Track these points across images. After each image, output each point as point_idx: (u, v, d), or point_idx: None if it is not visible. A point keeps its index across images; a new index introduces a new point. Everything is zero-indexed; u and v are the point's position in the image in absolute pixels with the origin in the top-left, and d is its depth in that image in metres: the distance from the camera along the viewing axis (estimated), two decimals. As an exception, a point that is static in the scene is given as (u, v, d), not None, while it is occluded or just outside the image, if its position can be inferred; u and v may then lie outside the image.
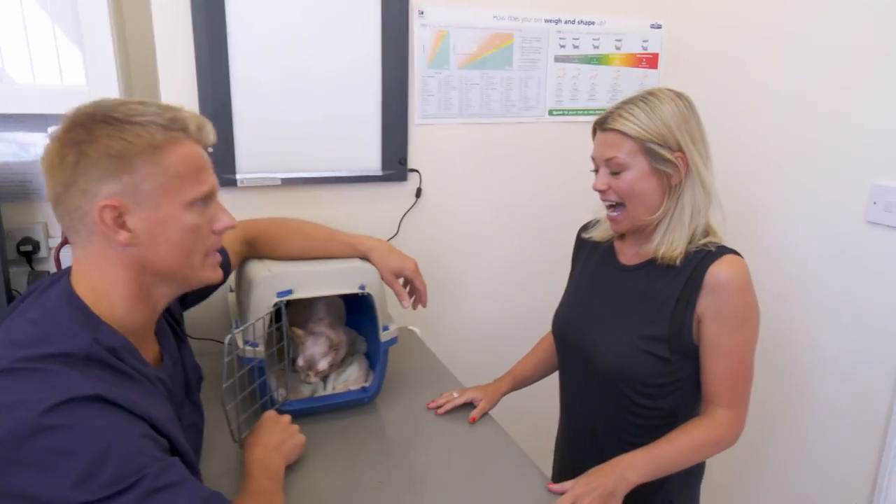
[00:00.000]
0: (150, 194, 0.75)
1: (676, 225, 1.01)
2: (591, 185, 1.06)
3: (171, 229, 0.77)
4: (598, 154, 1.05)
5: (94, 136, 0.72)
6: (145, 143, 0.73)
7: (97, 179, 0.72)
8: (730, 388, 0.99)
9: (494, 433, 1.18)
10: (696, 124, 1.01)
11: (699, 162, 1.00)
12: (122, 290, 0.77)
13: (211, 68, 1.38)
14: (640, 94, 1.04)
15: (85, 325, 0.72)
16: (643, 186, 1.00)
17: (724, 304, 0.97)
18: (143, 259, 0.77)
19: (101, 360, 0.70)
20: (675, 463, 0.99)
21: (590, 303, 1.14)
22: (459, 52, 1.61)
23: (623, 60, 1.81)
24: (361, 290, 1.16)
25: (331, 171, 1.54)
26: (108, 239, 0.74)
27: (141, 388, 0.74)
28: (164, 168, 0.75)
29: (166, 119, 0.76)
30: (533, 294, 1.89)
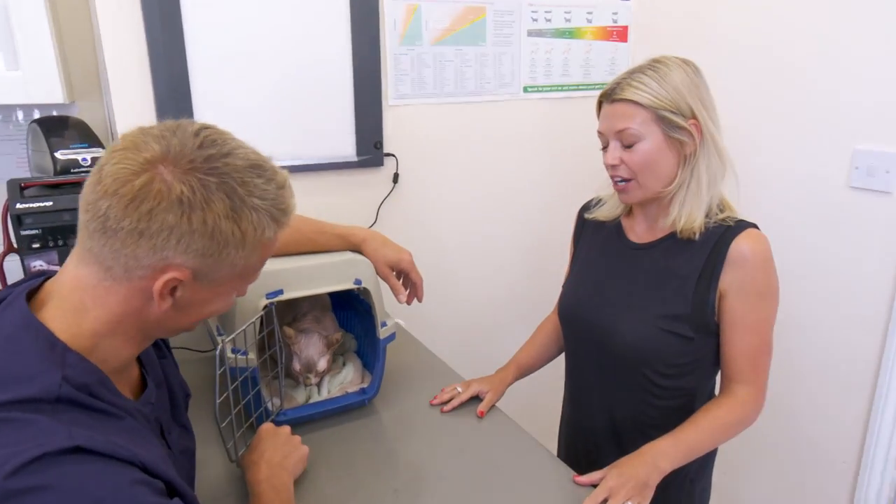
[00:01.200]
0: (220, 279, 0.64)
1: (693, 195, 0.97)
2: (603, 162, 1.00)
3: (209, 308, 0.67)
4: (607, 127, 0.99)
5: (210, 205, 0.58)
6: (255, 238, 0.62)
7: (182, 251, 0.59)
8: (752, 364, 0.97)
9: (506, 426, 1.12)
10: (705, 90, 0.98)
11: (712, 128, 0.96)
12: (121, 338, 0.65)
13: (164, 46, 1.23)
14: (646, 62, 0.99)
15: (50, 360, 0.59)
16: (658, 157, 0.95)
17: (749, 278, 0.94)
18: (165, 320, 0.65)
19: (74, 400, 0.58)
20: (703, 446, 0.96)
21: (602, 284, 1.08)
22: (432, 28, 1.51)
23: (594, 34, 1.76)
24: (357, 286, 1.06)
25: (302, 159, 1.42)
26: (144, 296, 0.62)
27: (123, 427, 0.62)
28: (250, 261, 0.64)
29: (280, 210, 0.64)
30: (520, 278, 1.83)
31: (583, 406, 1.15)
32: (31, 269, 1.08)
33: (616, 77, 1.00)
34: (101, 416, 0.60)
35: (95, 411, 0.60)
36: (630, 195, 1.01)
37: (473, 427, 1.11)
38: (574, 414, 1.19)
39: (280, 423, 1.04)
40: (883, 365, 1.36)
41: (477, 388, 1.16)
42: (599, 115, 1.03)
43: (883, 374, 1.36)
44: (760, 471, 1.66)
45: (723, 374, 1.01)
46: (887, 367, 1.35)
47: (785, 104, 1.49)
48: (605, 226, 1.13)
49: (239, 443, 0.94)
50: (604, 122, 1.00)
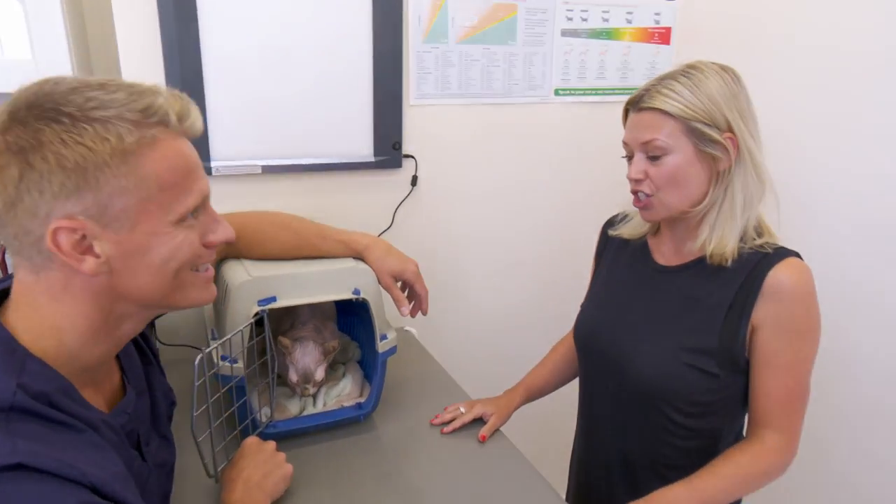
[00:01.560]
0: (124, 213, 0.57)
1: (726, 217, 0.87)
2: (626, 175, 0.91)
3: (153, 253, 0.60)
4: (632, 137, 0.90)
5: (41, 143, 0.54)
6: (111, 149, 0.55)
7: (51, 197, 0.55)
8: (784, 408, 0.86)
9: (508, 453, 1.04)
10: (745, 101, 0.87)
11: (751, 143, 0.86)
12: (83, 325, 0.61)
13: (179, 41, 1.19)
14: (680, 67, 0.89)
15: (6, 366, 0.56)
16: (687, 173, 0.86)
17: (786, 313, 0.84)
18: (118, 288, 0.60)
19: (29, 410, 0.54)
20: (721, 497, 0.86)
21: (622, 308, 0.99)
22: (459, 25, 1.44)
23: (634, 35, 1.65)
24: (356, 296, 1.00)
25: (317, 158, 1.37)
26: (70, 267, 0.57)
27: (82, 441, 0.58)
28: (141, 180, 0.58)
29: (138, 111, 0.57)
30: (539, 292, 1.74)
31: (595, 438, 1.06)
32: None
33: (645, 83, 0.91)
34: (58, 428, 0.56)
35: (53, 422, 0.56)
36: (651, 212, 0.91)
37: (474, 452, 1.04)
38: (585, 445, 1.10)
39: (269, 435, 0.99)
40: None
41: (481, 410, 1.08)
42: (625, 124, 0.94)
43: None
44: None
45: (750, 417, 0.90)
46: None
47: (842, 118, 1.36)
48: (629, 244, 1.03)
49: (221, 456, 0.89)
50: (629, 131, 0.91)
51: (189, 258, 0.64)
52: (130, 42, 1.18)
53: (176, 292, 0.65)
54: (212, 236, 0.67)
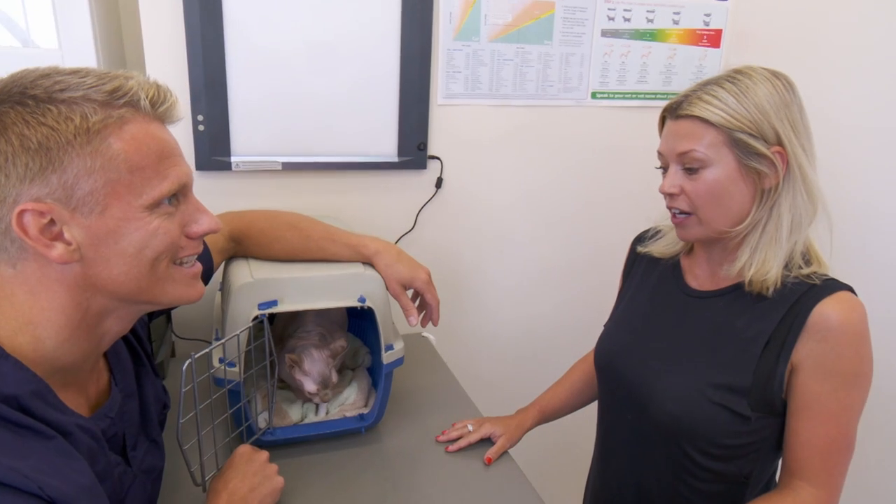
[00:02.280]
0: (91, 196, 0.55)
1: (770, 240, 0.77)
2: (659, 188, 0.83)
3: (125, 239, 0.58)
4: (668, 148, 0.81)
5: (4, 125, 0.53)
6: (75, 128, 0.54)
7: (16, 181, 0.53)
8: (824, 461, 0.75)
9: (514, 478, 0.97)
10: (798, 111, 0.77)
11: (803, 159, 0.76)
12: (60, 320, 0.58)
13: (202, 35, 1.16)
14: (726, 73, 0.80)
15: None
16: (728, 189, 0.77)
17: (833, 354, 0.73)
18: (92, 278, 0.58)
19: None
20: None
21: (647, 334, 0.90)
22: (492, 23, 1.37)
23: (681, 37, 1.54)
24: (361, 304, 0.95)
25: (339, 156, 1.32)
26: (42, 256, 0.56)
27: (49, 449, 0.55)
28: (107, 160, 0.55)
29: (104, 93, 0.56)
30: (564, 303, 1.65)
31: (610, 469, 0.98)
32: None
33: (686, 88, 0.82)
34: (24, 434, 0.54)
35: (19, 427, 0.53)
36: (688, 231, 0.82)
37: (478, 474, 0.97)
38: (601, 475, 1.01)
39: (267, 442, 0.96)
40: None
41: (489, 430, 1.02)
42: (661, 133, 0.85)
43: None
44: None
45: (785, 466, 0.80)
46: None
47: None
48: (660, 263, 0.94)
49: (211, 464, 0.85)
50: (665, 141, 0.82)
51: (165, 247, 0.61)
52: (155, 35, 1.16)
53: (155, 286, 0.62)
54: (195, 227, 0.64)
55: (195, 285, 0.68)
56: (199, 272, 0.69)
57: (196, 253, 0.67)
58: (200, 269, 0.69)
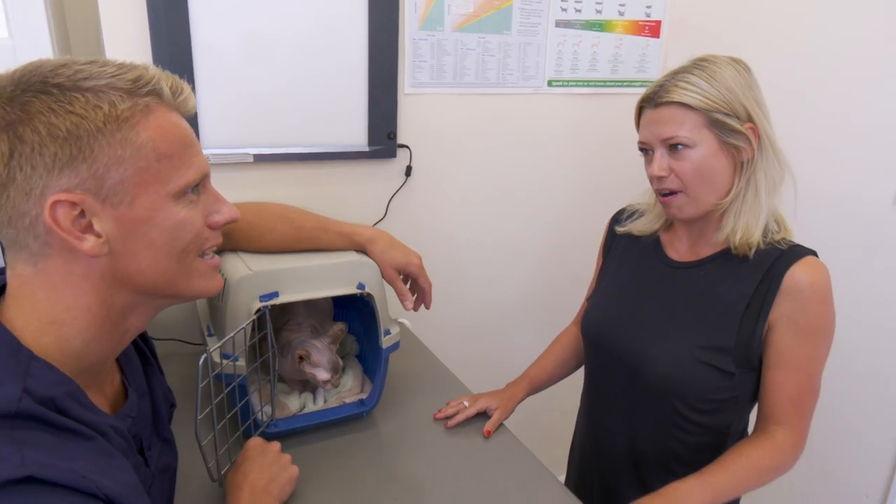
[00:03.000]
0: (122, 186, 0.54)
1: (751, 206, 0.85)
2: (648, 172, 0.88)
3: (155, 230, 0.56)
4: (651, 135, 0.87)
5: (29, 114, 0.50)
6: (104, 116, 0.52)
7: (44, 172, 0.51)
8: (795, 406, 0.85)
9: (513, 448, 1.01)
10: (758, 90, 0.86)
11: (770, 131, 0.85)
12: (85, 318, 0.56)
13: (167, 25, 1.12)
14: (691, 62, 0.87)
15: (10, 370, 0.51)
16: (711, 166, 0.84)
17: (803, 312, 0.83)
18: (120, 272, 0.56)
19: (36, 416, 0.50)
20: (732, 492, 0.85)
21: (635, 305, 0.97)
22: (455, 13, 1.39)
23: (626, 28, 1.63)
24: (361, 291, 0.96)
25: (310, 147, 1.31)
26: (70, 251, 0.54)
27: (92, 449, 0.54)
28: (137, 149, 0.54)
29: (129, 81, 0.54)
30: (537, 283, 1.72)
31: (602, 431, 1.05)
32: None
33: (658, 79, 0.88)
34: (66, 436, 0.52)
35: (60, 430, 0.52)
36: (680, 210, 0.88)
37: (478, 446, 1.01)
38: (590, 438, 1.08)
39: (271, 434, 0.95)
40: (920, 398, 1.25)
41: (485, 404, 1.06)
42: (640, 123, 0.90)
43: (919, 407, 1.25)
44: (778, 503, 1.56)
45: (760, 413, 0.89)
46: (925, 401, 1.24)
47: (830, 114, 1.36)
48: (640, 240, 1.01)
49: (223, 459, 0.84)
50: (647, 129, 0.88)
51: (192, 238, 0.60)
52: (116, 25, 1.10)
53: (181, 279, 0.61)
54: (216, 216, 0.64)
55: (217, 277, 0.67)
56: (219, 264, 0.68)
57: (217, 244, 0.66)
58: (220, 260, 0.68)
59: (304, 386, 1.07)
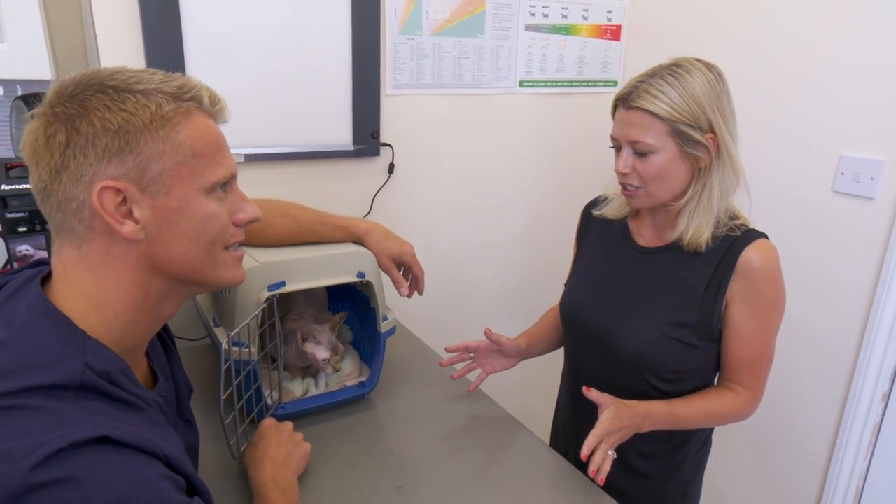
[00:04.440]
0: (160, 177, 0.60)
1: (704, 208, 0.96)
2: (614, 168, 0.98)
3: (186, 220, 0.63)
4: (621, 134, 0.96)
5: (87, 109, 0.58)
6: (151, 114, 0.59)
7: (95, 161, 0.58)
8: (752, 370, 0.98)
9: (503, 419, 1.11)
10: (726, 99, 0.95)
11: (729, 142, 0.94)
12: (125, 300, 0.62)
13: (159, 29, 1.16)
14: (667, 65, 0.95)
15: (70, 346, 0.57)
16: (671, 170, 0.94)
17: (756, 289, 0.94)
18: (154, 258, 0.62)
19: (97, 388, 0.56)
20: (688, 425, 0.99)
21: (607, 286, 1.07)
22: (432, 17, 1.48)
23: (589, 31, 1.75)
24: (361, 279, 1.03)
25: (298, 147, 1.38)
26: (110, 235, 0.60)
27: (145, 419, 0.60)
28: (176, 145, 0.61)
29: (175, 87, 0.62)
30: (515, 274, 1.83)
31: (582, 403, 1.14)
32: (16, 253, 1.01)
33: (633, 79, 0.96)
34: (123, 406, 0.58)
35: (117, 401, 0.58)
36: (638, 201, 0.99)
37: (471, 421, 1.10)
38: (572, 407, 1.18)
39: (279, 416, 1.01)
40: (859, 363, 1.40)
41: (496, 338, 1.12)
42: (614, 117, 0.99)
43: (859, 371, 1.40)
44: (735, 461, 1.70)
45: (722, 376, 1.01)
46: (863, 366, 1.39)
47: (775, 108, 1.51)
48: (611, 226, 1.11)
49: (241, 438, 0.91)
50: (618, 126, 0.97)
51: (219, 231, 0.67)
52: (109, 29, 1.14)
53: (209, 268, 0.67)
54: (241, 214, 0.70)
55: (240, 268, 0.73)
56: (243, 256, 0.74)
57: (240, 240, 0.72)
58: (243, 253, 0.75)
59: (304, 373, 1.14)
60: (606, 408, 0.91)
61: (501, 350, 1.14)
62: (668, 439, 1.05)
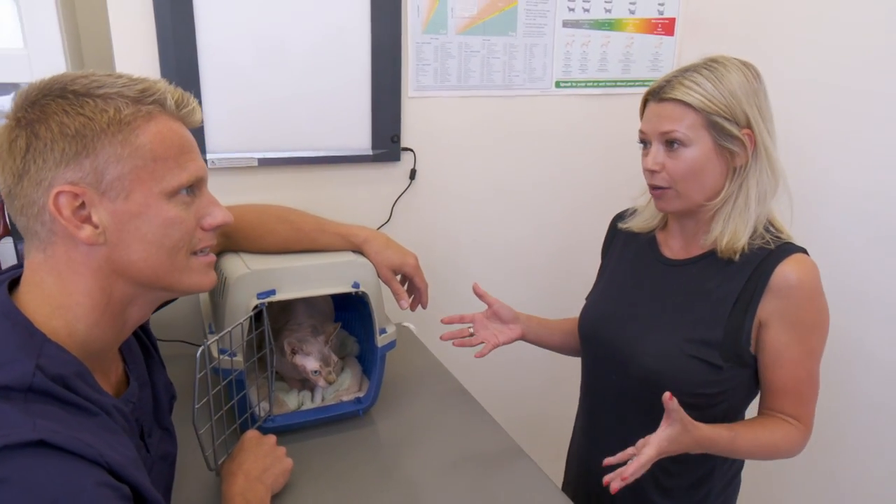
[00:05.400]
0: (119, 181, 0.61)
1: (740, 211, 0.89)
2: (642, 165, 0.92)
3: (147, 224, 0.63)
4: (651, 128, 0.91)
5: (46, 114, 0.60)
6: (109, 118, 0.61)
7: (53, 165, 0.60)
8: (797, 399, 0.89)
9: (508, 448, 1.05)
10: (764, 98, 0.89)
11: (767, 140, 0.88)
12: (87, 303, 0.63)
13: (174, 32, 1.20)
14: (702, 61, 0.91)
15: (25, 348, 0.59)
16: (704, 166, 0.88)
17: (794, 309, 0.86)
18: (115, 262, 0.63)
19: (47, 391, 0.57)
20: (744, 456, 0.91)
21: (628, 300, 1.01)
22: (458, 16, 1.44)
23: (637, 26, 1.66)
24: (355, 290, 1.01)
25: (314, 151, 1.38)
26: (71, 239, 0.61)
27: (97, 424, 0.61)
28: (135, 149, 0.62)
29: (136, 91, 0.63)
30: (541, 287, 1.75)
31: (598, 428, 1.08)
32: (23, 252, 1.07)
33: (666, 74, 0.93)
34: (73, 410, 0.59)
35: (68, 404, 0.59)
36: (667, 203, 0.93)
37: (474, 445, 1.05)
38: (586, 435, 1.11)
39: (268, 429, 1.01)
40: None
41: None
42: (643, 114, 0.95)
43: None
44: None
45: (764, 405, 0.93)
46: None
47: (850, 114, 1.37)
48: (637, 238, 1.05)
49: (220, 449, 0.91)
50: (648, 121, 0.92)
51: (182, 236, 0.67)
52: (125, 33, 1.18)
53: (172, 273, 0.68)
54: (209, 219, 0.70)
55: (209, 274, 0.73)
56: (213, 262, 0.74)
57: (210, 245, 0.72)
58: (214, 259, 0.74)
59: (302, 385, 1.13)
60: (673, 423, 0.81)
61: (496, 314, 1.10)
62: (690, 472, 0.97)
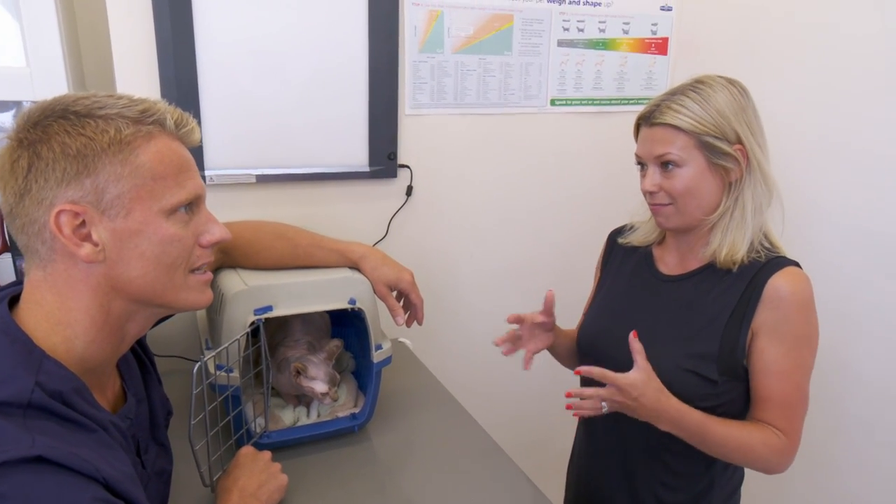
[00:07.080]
0: (118, 200, 0.65)
1: (738, 223, 0.94)
2: (640, 187, 0.98)
3: (146, 242, 0.67)
4: (645, 152, 0.97)
5: (48, 135, 0.63)
6: (110, 139, 0.64)
7: (54, 185, 0.63)
8: (785, 413, 0.92)
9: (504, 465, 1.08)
10: (752, 113, 0.95)
11: (759, 153, 0.94)
12: (86, 321, 0.67)
13: (174, 51, 1.25)
14: (688, 82, 0.96)
15: (25, 365, 0.62)
16: (700, 184, 0.93)
17: (784, 320, 0.90)
18: (114, 280, 0.67)
19: (46, 407, 0.60)
20: (716, 448, 0.92)
21: (625, 315, 1.06)
22: (455, 35, 1.50)
23: (631, 46, 1.72)
24: (352, 306, 1.05)
25: (312, 168, 1.43)
26: (71, 257, 0.65)
27: (94, 440, 0.64)
28: (135, 168, 0.65)
29: (137, 111, 0.67)
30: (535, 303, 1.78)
31: (597, 446, 1.12)
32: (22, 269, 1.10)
33: (655, 98, 0.98)
34: (71, 426, 0.62)
35: (66, 420, 0.62)
36: (668, 219, 0.98)
37: (469, 462, 1.08)
38: (586, 454, 1.15)
39: (264, 445, 1.04)
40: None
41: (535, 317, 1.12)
42: (637, 138, 1.01)
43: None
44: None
45: (752, 416, 0.96)
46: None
47: (842, 131, 1.42)
48: (635, 253, 1.10)
49: (216, 465, 0.94)
50: (642, 145, 0.98)
51: (180, 253, 0.70)
52: (126, 52, 1.23)
53: (170, 290, 0.71)
54: (207, 236, 0.74)
55: (206, 292, 0.77)
56: (210, 279, 0.78)
57: (208, 262, 0.76)
58: (211, 276, 0.78)
59: (298, 400, 1.16)
60: (639, 370, 0.87)
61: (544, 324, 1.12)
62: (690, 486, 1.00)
